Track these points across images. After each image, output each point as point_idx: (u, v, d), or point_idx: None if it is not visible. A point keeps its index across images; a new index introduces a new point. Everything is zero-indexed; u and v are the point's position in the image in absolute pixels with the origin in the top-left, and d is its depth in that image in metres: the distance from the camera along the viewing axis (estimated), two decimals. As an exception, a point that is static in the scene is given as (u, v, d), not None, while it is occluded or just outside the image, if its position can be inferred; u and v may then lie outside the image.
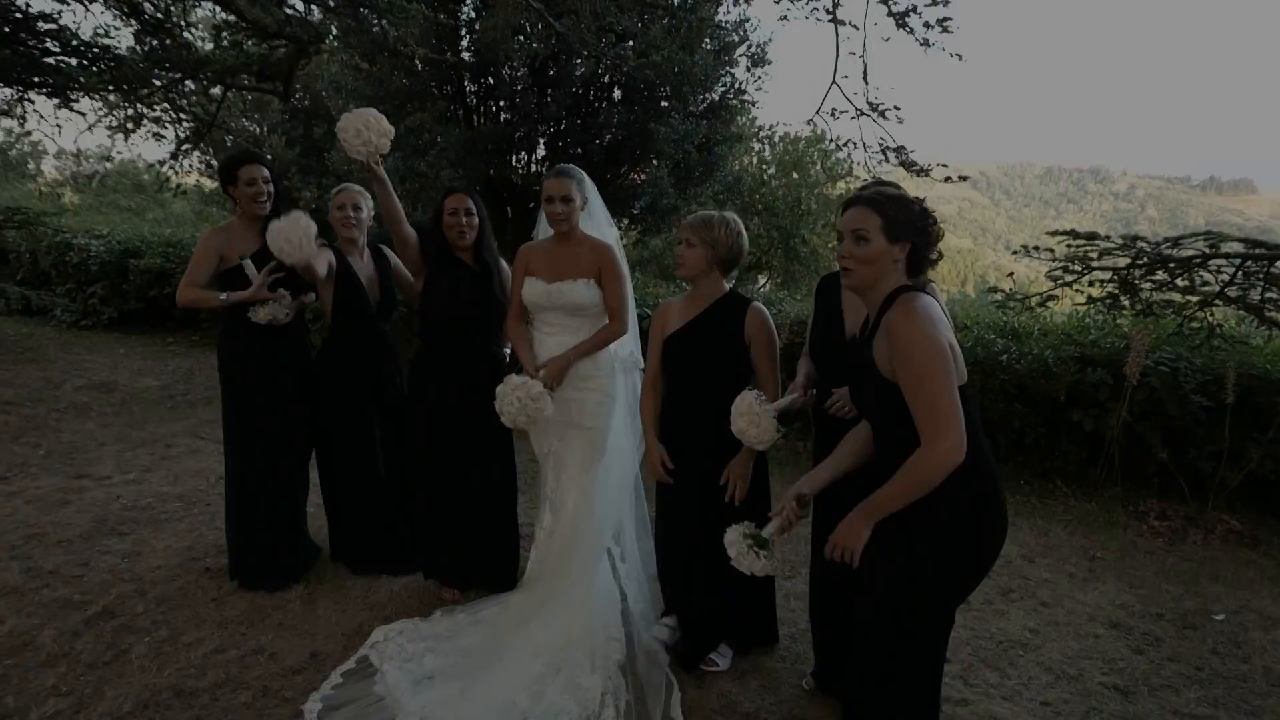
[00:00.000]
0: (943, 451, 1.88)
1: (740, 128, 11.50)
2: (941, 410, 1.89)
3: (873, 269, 2.07)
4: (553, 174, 3.13)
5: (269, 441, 3.49)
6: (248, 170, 3.35)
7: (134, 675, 2.90)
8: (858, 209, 2.09)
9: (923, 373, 1.91)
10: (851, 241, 2.08)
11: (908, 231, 2.07)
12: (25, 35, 7.07)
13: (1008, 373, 5.42)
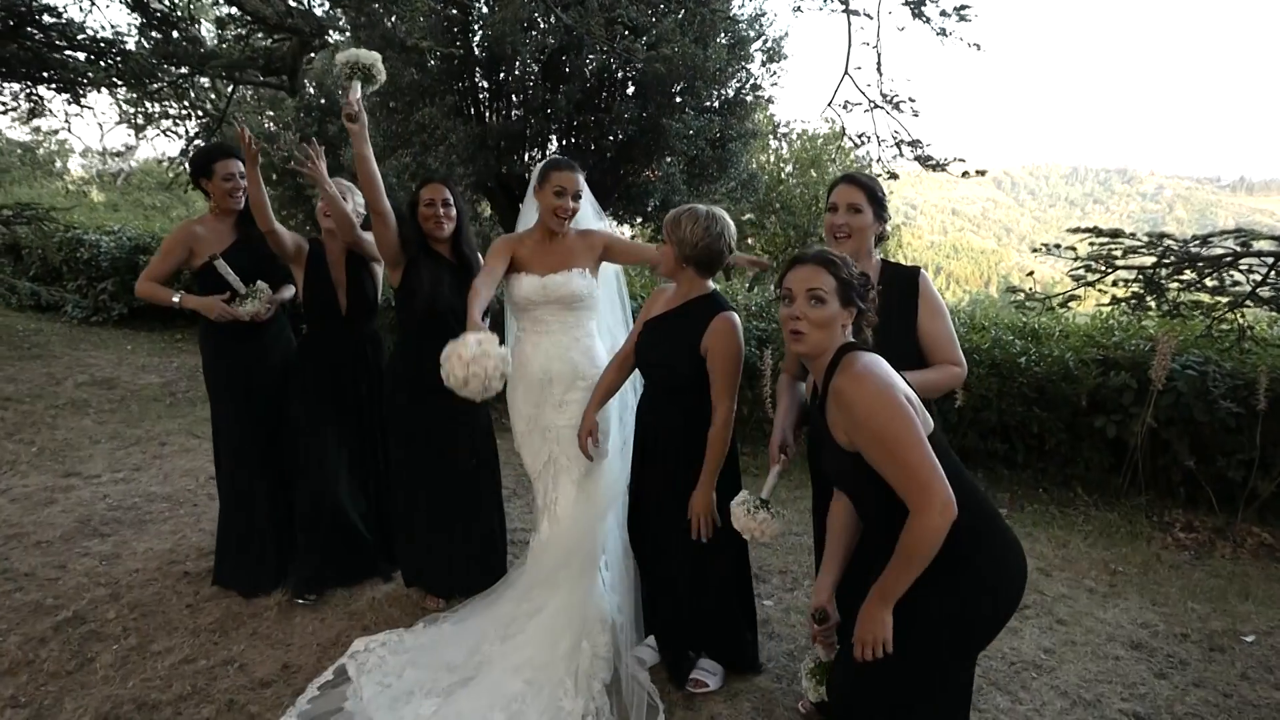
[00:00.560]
0: (935, 516, 1.73)
1: (756, 124, 11.28)
2: (921, 475, 1.74)
3: (827, 333, 1.94)
4: (561, 166, 2.92)
5: (256, 441, 3.38)
6: (225, 165, 3.24)
7: (97, 686, 2.78)
8: (809, 268, 1.95)
9: (889, 438, 1.76)
10: (805, 302, 1.92)
11: (858, 297, 1.97)
12: (32, 30, 7.02)
13: (1026, 376, 5.20)
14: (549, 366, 2.99)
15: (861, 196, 2.54)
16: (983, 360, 5.33)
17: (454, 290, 3.15)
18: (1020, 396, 5.22)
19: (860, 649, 1.87)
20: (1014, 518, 4.66)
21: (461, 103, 9.97)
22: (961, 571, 1.84)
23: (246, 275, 3.28)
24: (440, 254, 3.21)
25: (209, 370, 3.42)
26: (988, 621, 1.92)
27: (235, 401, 3.37)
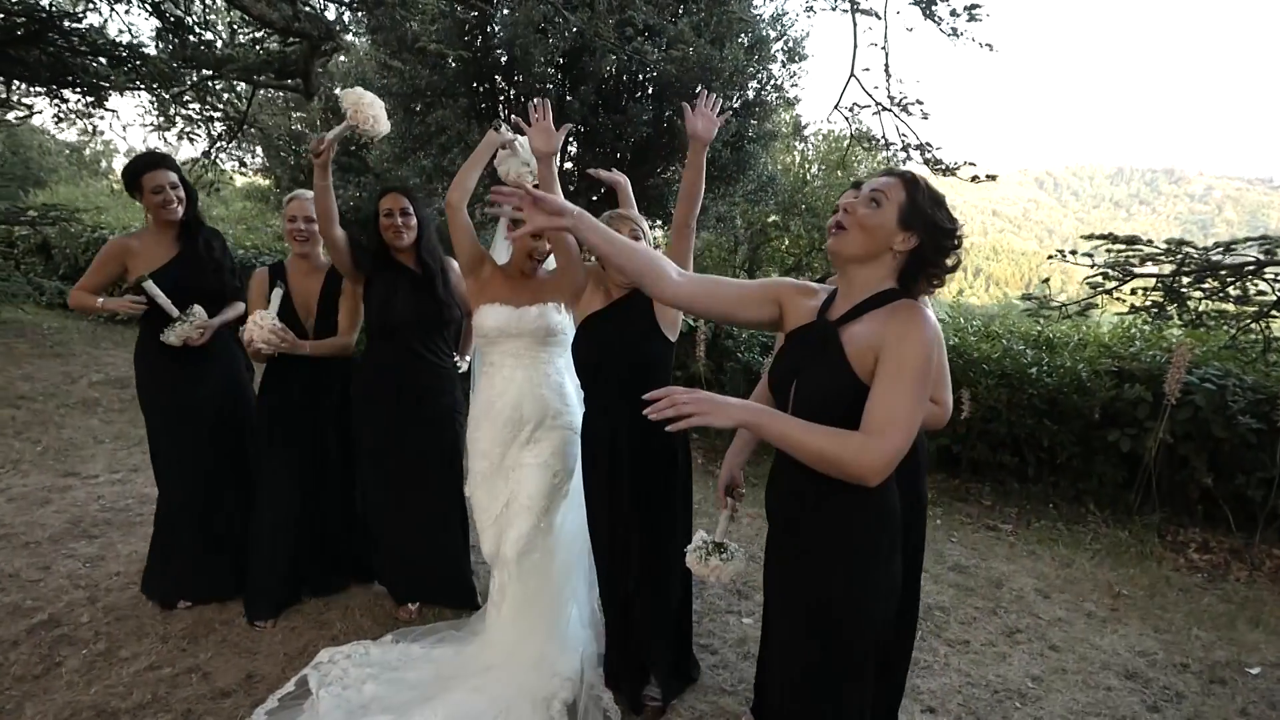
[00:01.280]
0: (876, 453, 1.56)
1: (776, 125, 11.15)
2: (898, 412, 1.58)
3: (869, 239, 1.69)
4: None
5: (191, 461, 3.28)
6: (152, 177, 3.08)
7: (60, 691, 2.78)
8: (890, 178, 1.73)
9: (910, 374, 1.59)
10: (863, 200, 1.71)
11: (922, 228, 1.69)
12: (54, 35, 7.14)
13: (1037, 387, 5.04)
14: (520, 404, 2.86)
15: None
16: (992, 370, 5.19)
17: (411, 302, 3.10)
18: (1031, 408, 5.07)
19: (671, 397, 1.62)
20: (1019, 535, 4.50)
21: (479, 105, 9.99)
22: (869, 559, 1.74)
23: (185, 292, 3.13)
24: (403, 264, 3.16)
25: (142, 389, 3.28)
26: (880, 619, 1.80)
27: (168, 422, 3.26)
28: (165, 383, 3.24)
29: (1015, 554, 4.23)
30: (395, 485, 3.23)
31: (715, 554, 2.19)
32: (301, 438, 3.32)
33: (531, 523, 2.88)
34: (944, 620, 3.47)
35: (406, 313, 3.10)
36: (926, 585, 3.76)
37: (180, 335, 3.12)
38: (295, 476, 3.31)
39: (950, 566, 4.01)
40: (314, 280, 3.32)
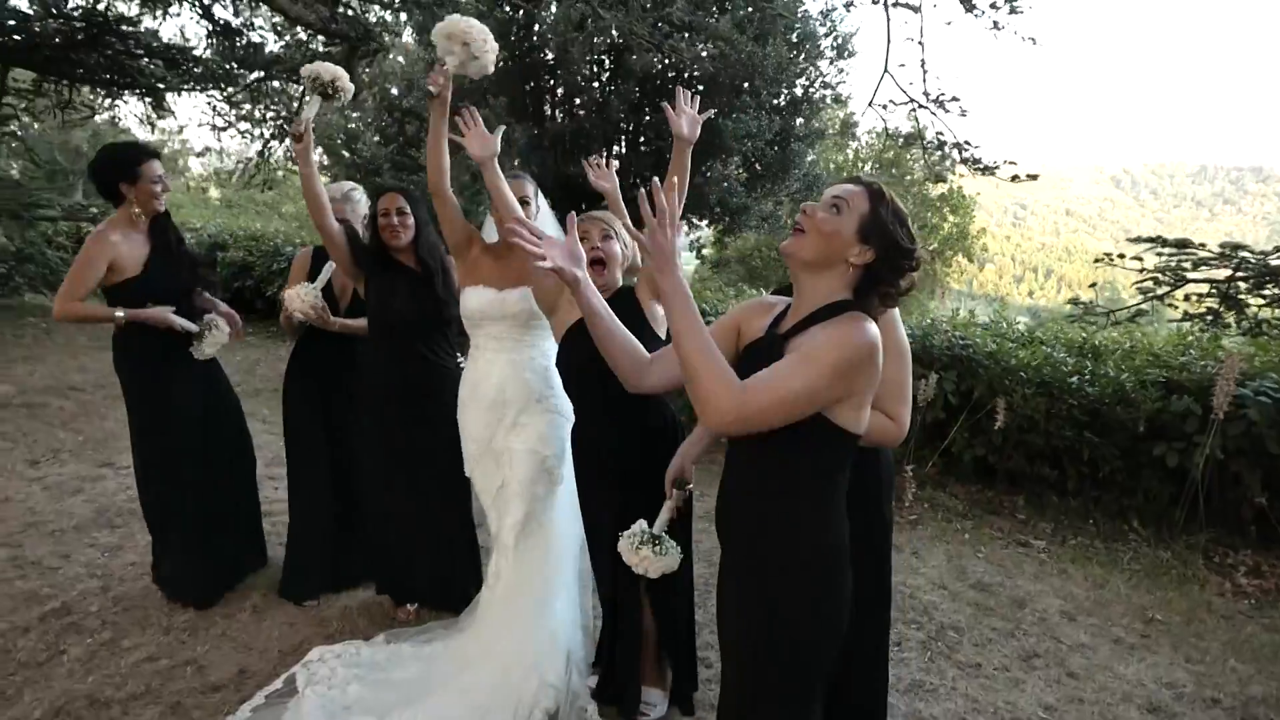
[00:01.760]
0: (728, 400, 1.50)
1: (823, 123, 10.92)
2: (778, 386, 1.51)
3: (824, 245, 1.62)
4: (509, 176, 2.87)
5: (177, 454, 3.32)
6: (150, 166, 3.09)
7: (59, 679, 2.84)
8: (855, 186, 1.67)
9: (812, 360, 1.52)
10: (824, 205, 1.66)
11: (880, 243, 1.62)
12: (111, 39, 7.39)
13: (1077, 397, 4.80)
14: (503, 387, 2.86)
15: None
16: (1030, 378, 4.96)
17: (409, 300, 3.09)
18: (1071, 419, 4.83)
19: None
20: (1051, 551, 4.29)
21: (526, 103, 10.03)
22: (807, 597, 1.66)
23: (170, 291, 3.16)
24: (400, 263, 3.15)
25: (130, 388, 3.29)
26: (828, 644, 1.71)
27: (156, 416, 3.29)
28: (154, 383, 3.25)
29: (1044, 572, 4.03)
30: (394, 485, 3.23)
31: (648, 545, 2.18)
32: (327, 422, 3.42)
33: (524, 509, 2.87)
34: (956, 641, 3.31)
35: (406, 311, 3.08)
36: (942, 604, 3.62)
37: (215, 344, 3.23)
38: (324, 460, 3.42)
39: (972, 584, 3.83)
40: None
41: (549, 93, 10.08)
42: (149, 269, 3.12)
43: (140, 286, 3.11)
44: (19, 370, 6.84)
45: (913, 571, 3.93)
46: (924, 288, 15.59)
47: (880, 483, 2.21)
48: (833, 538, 1.68)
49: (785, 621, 1.66)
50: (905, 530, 4.45)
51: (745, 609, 1.74)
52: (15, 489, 4.48)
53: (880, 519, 2.21)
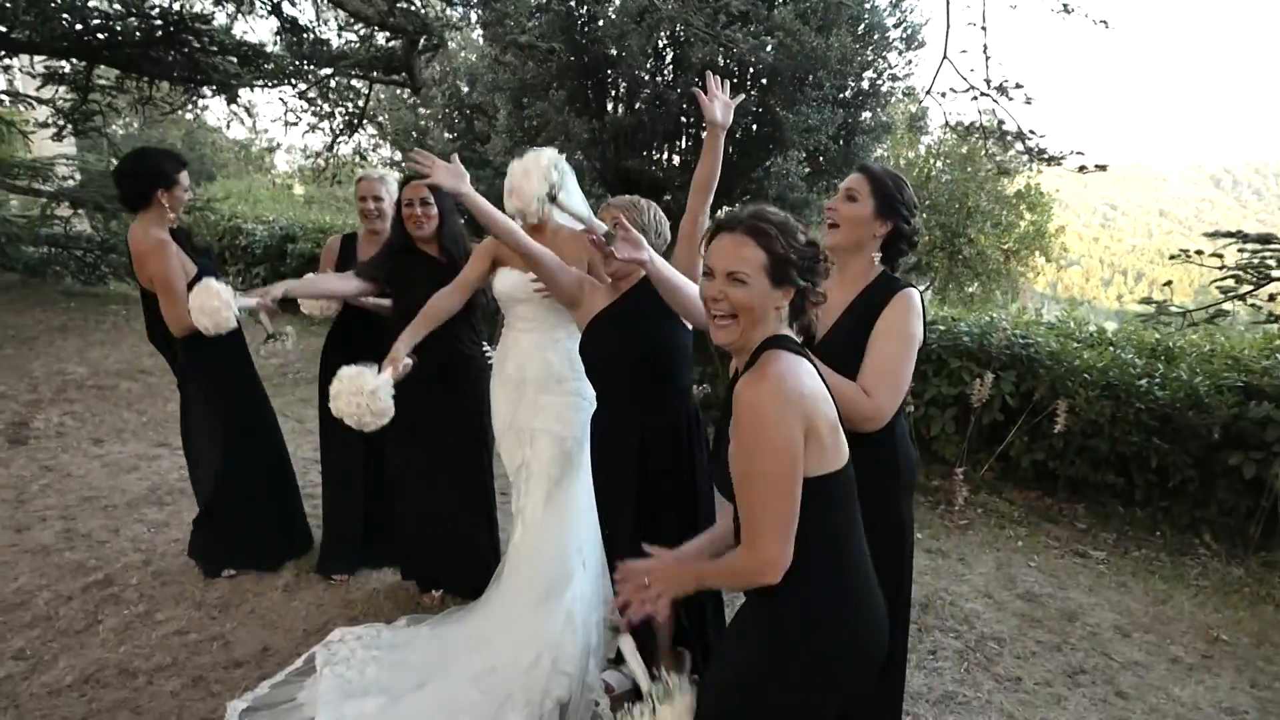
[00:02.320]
0: (751, 567, 1.52)
1: (892, 116, 10.60)
2: (760, 523, 1.49)
3: (752, 320, 1.57)
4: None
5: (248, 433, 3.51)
6: (185, 176, 3.23)
7: (93, 648, 2.93)
8: (733, 237, 1.56)
9: (751, 469, 1.49)
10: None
11: (797, 273, 1.57)
12: (187, 37, 7.68)
13: (1146, 400, 4.51)
14: (524, 365, 2.87)
15: (864, 186, 2.16)
16: (1095, 381, 4.68)
17: (434, 287, 3.08)
18: (1139, 424, 4.53)
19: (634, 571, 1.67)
20: (1111, 563, 4.04)
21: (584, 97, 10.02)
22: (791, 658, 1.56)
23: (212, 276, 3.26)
24: (424, 254, 3.15)
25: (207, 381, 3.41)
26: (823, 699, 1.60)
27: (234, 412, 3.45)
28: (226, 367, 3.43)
29: (1101, 585, 3.79)
30: (419, 473, 3.24)
31: None
32: None
33: (545, 488, 2.88)
34: (997, 653, 3.13)
35: (425, 298, 3.08)
36: (985, 613, 3.44)
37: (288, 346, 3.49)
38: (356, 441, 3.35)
39: (1020, 594, 3.63)
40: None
41: (610, 86, 10.06)
42: (198, 265, 3.27)
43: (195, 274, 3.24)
44: (95, 354, 7.16)
45: (957, 578, 3.75)
46: (998, 287, 15.03)
47: (896, 478, 2.08)
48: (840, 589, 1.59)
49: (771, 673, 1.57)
50: (953, 535, 4.25)
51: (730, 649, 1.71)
52: (77, 465, 4.68)
53: (894, 517, 2.08)
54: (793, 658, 1.55)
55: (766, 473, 1.46)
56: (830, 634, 1.56)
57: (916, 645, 3.13)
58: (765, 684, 1.56)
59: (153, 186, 3.17)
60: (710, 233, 1.64)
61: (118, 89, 8.40)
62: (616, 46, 8.58)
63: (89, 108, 8.29)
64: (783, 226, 1.57)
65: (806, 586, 1.52)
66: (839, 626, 1.56)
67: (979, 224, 13.14)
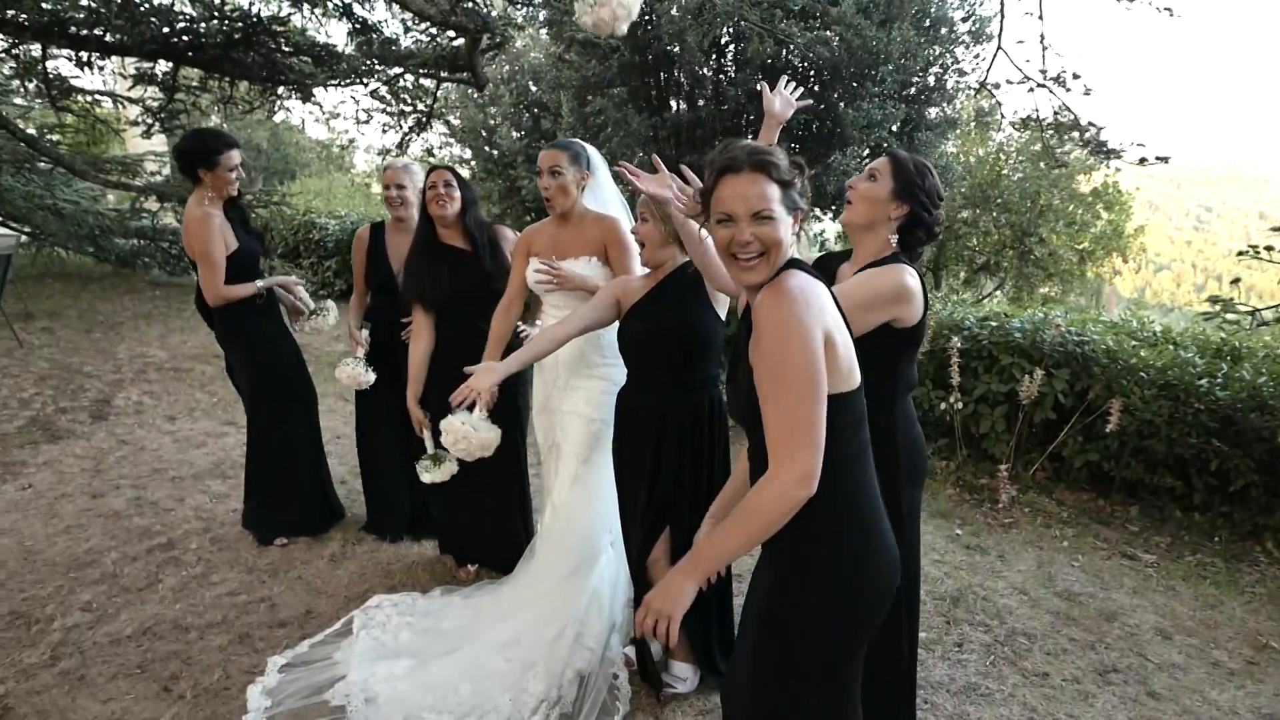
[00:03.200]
0: (789, 482, 1.46)
1: (956, 112, 10.38)
2: (793, 429, 1.46)
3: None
4: (546, 145, 2.94)
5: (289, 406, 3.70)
6: (229, 156, 3.36)
7: (153, 604, 3.14)
8: (746, 176, 1.56)
9: (779, 374, 1.48)
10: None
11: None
12: (265, 38, 8.04)
13: (1205, 401, 4.34)
14: (555, 354, 2.93)
15: (886, 168, 2.17)
16: (1153, 380, 4.53)
17: (455, 278, 3.21)
18: (1198, 425, 4.37)
19: (643, 616, 1.58)
20: (1162, 567, 3.91)
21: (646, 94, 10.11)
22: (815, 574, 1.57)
23: (255, 258, 3.52)
24: (448, 244, 3.28)
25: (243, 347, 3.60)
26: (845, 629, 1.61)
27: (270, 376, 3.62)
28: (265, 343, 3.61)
29: (1147, 587, 3.68)
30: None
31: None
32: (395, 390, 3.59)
33: (573, 469, 2.97)
34: (1026, 648, 3.08)
35: (452, 287, 3.21)
36: (1019, 609, 3.38)
37: (327, 323, 3.73)
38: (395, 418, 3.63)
39: (1057, 592, 3.55)
40: (405, 240, 3.53)
41: (670, 83, 10.12)
42: (242, 244, 3.46)
43: (237, 259, 3.45)
44: (174, 339, 7.58)
45: (993, 574, 3.69)
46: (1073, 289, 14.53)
47: (895, 462, 2.08)
48: (855, 511, 1.60)
49: (793, 599, 1.60)
50: (995, 533, 4.18)
51: (757, 583, 1.71)
52: (151, 440, 4.98)
53: (893, 505, 2.07)
54: (816, 583, 1.57)
55: (796, 375, 1.46)
56: (850, 557, 1.57)
57: (942, 637, 3.11)
58: (792, 611, 1.59)
59: (195, 164, 3.37)
60: (713, 177, 1.62)
61: (201, 89, 8.84)
62: (676, 43, 8.65)
63: (175, 106, 8.75)
64: (777, 154, 1.60)
65: (824, 510, 1.52)
66: (857, 550, 1.58)
67: (1051, 223, 12.72)
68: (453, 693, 2.62)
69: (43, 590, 3.22)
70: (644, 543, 2.65)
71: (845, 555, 1.57)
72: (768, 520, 1.49)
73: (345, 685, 2.66)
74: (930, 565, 3.69)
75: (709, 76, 9.59)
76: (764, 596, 1.66)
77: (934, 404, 5.09)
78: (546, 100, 13.43)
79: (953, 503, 4.54)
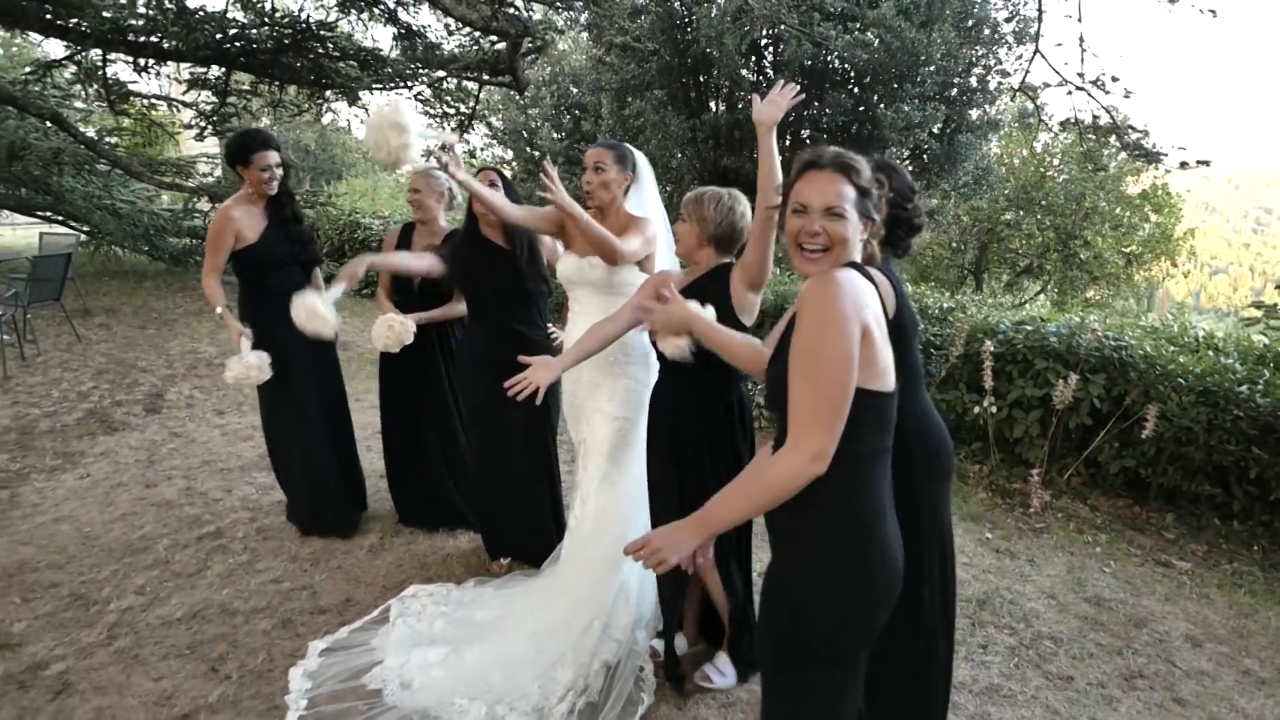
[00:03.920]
0: (803, 458, 1.53)
1: (999, 113, 10.26)
2: (814, 408, 1.54)
3: (846, 251, 1.65)
4: (594, 144, 3.02)
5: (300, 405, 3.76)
6: (263, 156, 3.45)
7: (202, 589, 3.30)
8: (827, 174, 1.64)
9: (812, 353, 1.55)
10: (823, 216, 1.70)
11: (874, 208, 1.68)
12: (314, 44, 8.27)
13: (1245, 408, 4.28)
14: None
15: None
16: (1191, 386, 4.47)
17: (492, 276, 3.29)
18: (1237, 433, 4.31)
19: (642, 549, 1.66)
20: (1197, 575, 3.87)
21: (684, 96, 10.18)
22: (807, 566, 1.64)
23: (281, 259, 3.58)
24: (491, 241, 3.35)
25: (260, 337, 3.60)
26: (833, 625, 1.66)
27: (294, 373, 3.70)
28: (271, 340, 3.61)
29: (1179, 594, 3.65)
30: (488, 452, 3.46)
31: None
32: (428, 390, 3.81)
33: (601, 469, 3.03)
34: (1051, 651, 3.09)
35: (488, 282, 3.29)
36: (1045, 613, 3.38)
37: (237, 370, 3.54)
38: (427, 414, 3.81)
39: (1086, 597, 3.54)
40: (426, 243, 3.69)
41: (709, 86, 10.18)
42: (264, 238, 3.55)
43: (253, 252, 3.55)
44: (223, 335, 7.82)
45: (1021, 578, 3.69)
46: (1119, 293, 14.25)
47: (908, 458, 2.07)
48: (856, 513, 1.64)
49: (794, 589, 1.66)
50: (1026, 537, 4.17)
51: (768, 573, 1.77)
52: (201, 432, 5.18)
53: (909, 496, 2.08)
54: (808, 575, 1.63)
55: (829, 359, 1.53)
56: (844, 557, 1.62)
57: (967, 639, 3.13)
58: (784, 598, 1.66)
59: (234, 161, 3.52)
60: (797, 171, 1.71)
61: (252, 93, 9.14)
62: (714, 46, 8.71)
63: (227, 110, 9.05)
64: (861, 163, 1.68)
65: (827, 504, 1.59)
66: (853, 552, 1.63)
67: (1097, 225, 12.49)
68: (484, 680, 2.71)
69: (99, 574, 3.39)
70: None
71: (840, 555, 1.63)
72: (776, 490, 1.57)
73: (382, 670, 2.77)
74: (958, 568, 3.69)
75: (748, 78, 9.63)
76: (764, 583, 1.74)
77: (967, 407, 5.08)
78: (587, 102, 13.59)
79: (984, 506, 4.53)
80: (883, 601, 1.66)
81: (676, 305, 2.20)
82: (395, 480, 3.94)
